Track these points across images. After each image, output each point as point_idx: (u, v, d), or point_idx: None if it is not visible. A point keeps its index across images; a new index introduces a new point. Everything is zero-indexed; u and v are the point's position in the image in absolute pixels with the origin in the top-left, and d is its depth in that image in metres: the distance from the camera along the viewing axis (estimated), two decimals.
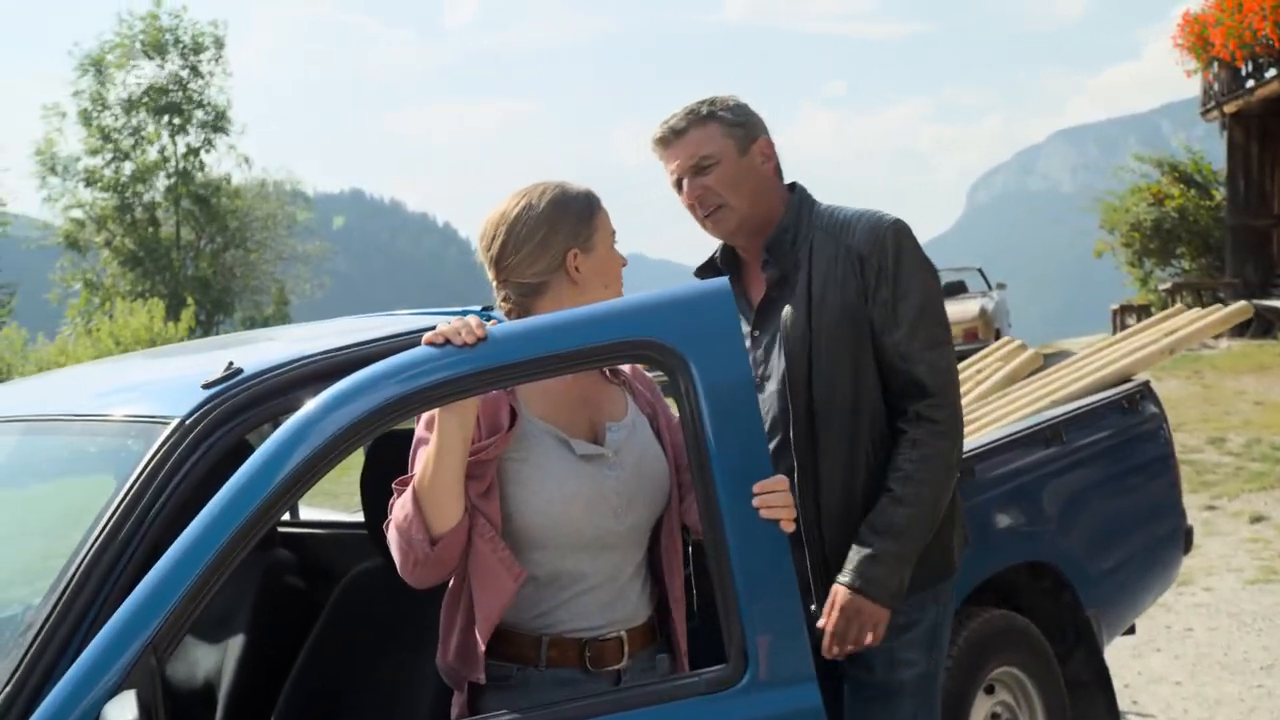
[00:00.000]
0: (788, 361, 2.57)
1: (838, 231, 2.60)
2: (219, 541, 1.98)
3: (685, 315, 2.15)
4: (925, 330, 2.55)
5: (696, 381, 2.11)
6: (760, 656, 2.07)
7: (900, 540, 2.49)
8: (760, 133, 2.65)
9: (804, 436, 2.56)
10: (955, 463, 2.58)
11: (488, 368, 2.09)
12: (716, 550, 2.09)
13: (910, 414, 2.55)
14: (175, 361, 3.14)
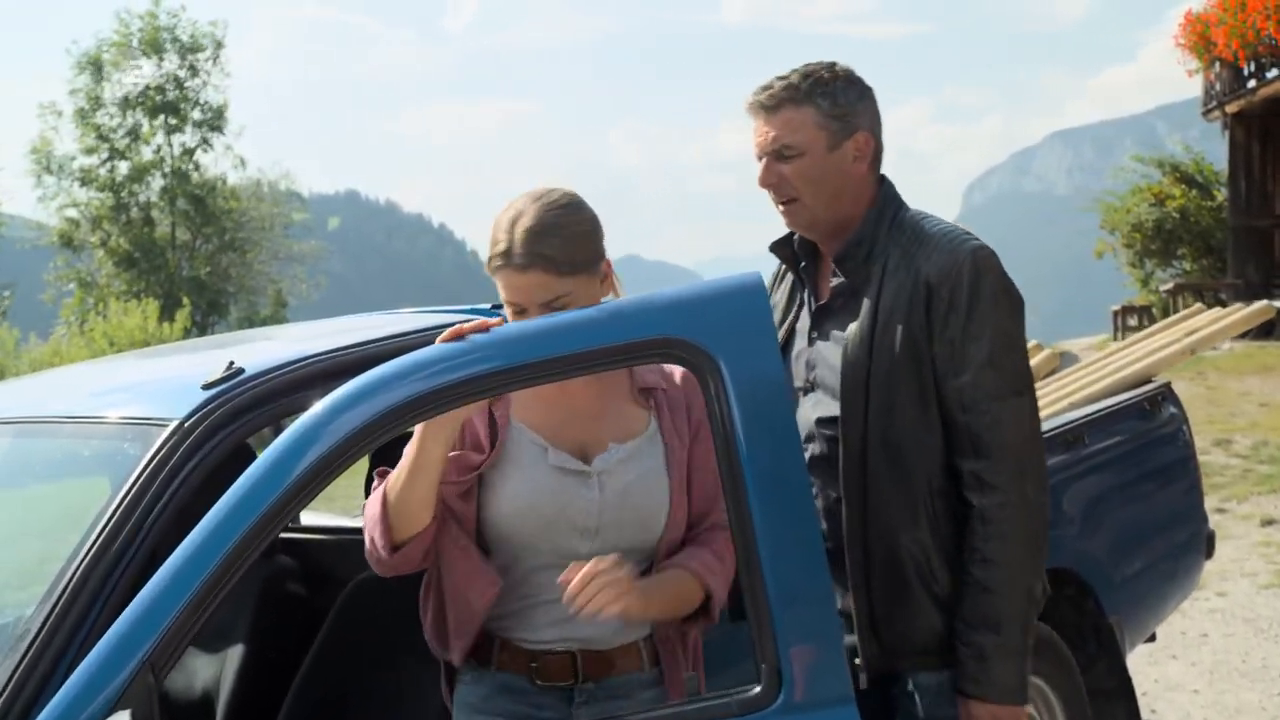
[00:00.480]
0: (844, 388, 2.31)
1: (914, 251, 2.30)
2: (221, 551, 1.87)
3: (714, 312, 2.03)
4: (994, 379, 2.24)
5: (727, 382, 1.99)
6: (795, 676, 1.94)
7: (1002, 632, 2.23)
8: (861, 126, 2.34)
9: (854, 472, 2.30)
10: (1038, 539, 2.28)
11: (506, 367, 1.99)
12: (747, 560, 1.97)
13: (967, 476, 2.26)
14: (172, 361, 3.03)
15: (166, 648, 1.83)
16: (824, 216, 2.38)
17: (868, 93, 2.37)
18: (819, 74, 2.34)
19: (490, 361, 1.98)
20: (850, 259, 2.35)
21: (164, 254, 33.01)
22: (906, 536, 2.30)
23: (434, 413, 2.00)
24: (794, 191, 2.36)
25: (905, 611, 2.32)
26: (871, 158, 2.38)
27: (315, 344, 2.59)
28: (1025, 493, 2.26)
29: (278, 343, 2.96)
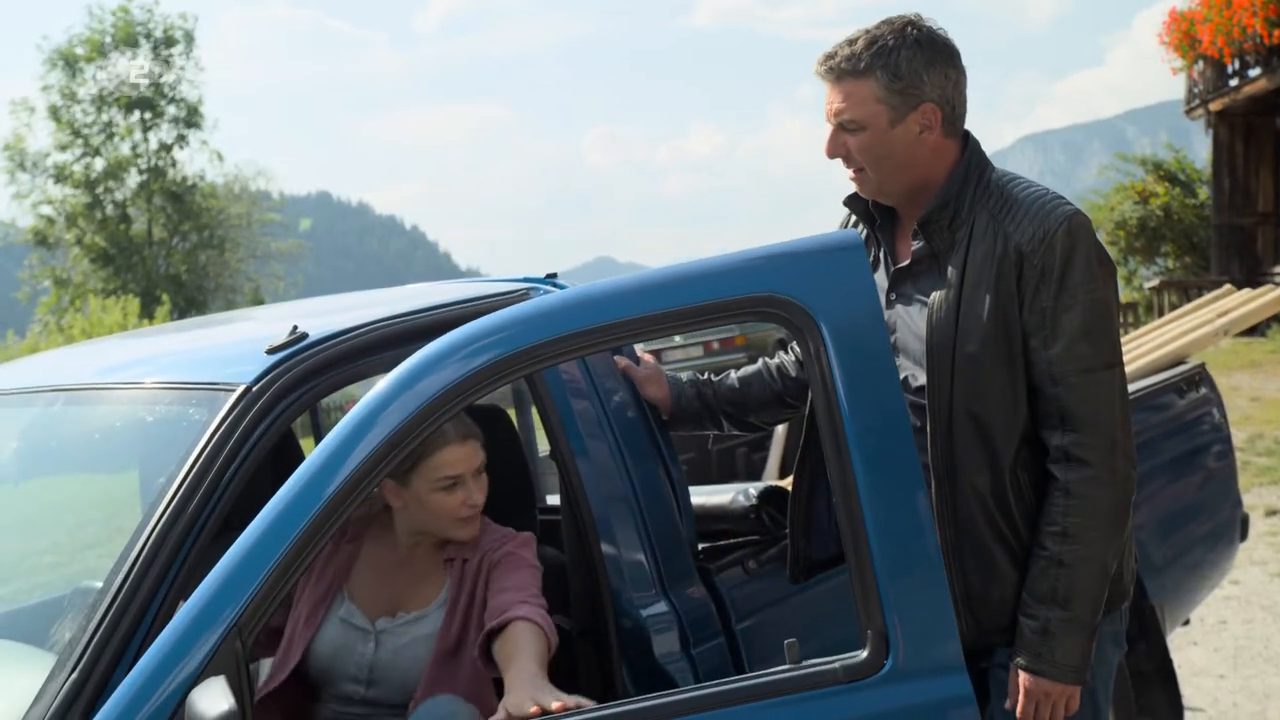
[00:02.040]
0: (930, 355, 2.23)
1: (1002, 216, 2.21)
2: (309, 513, 1.79)
3: (813, 269, 1.97)
4: (1086, 350, 2.16)
5: (827, 341, 1.93)
6: (901, 641, 1.88)
7: (1070, 608, 2.17)
8: (926, 96, 2.22)
9: (942, 442, 2.23)
10: (1122, 516, 2.20)
11: (596, 325, 1.92)
12: (851, 522, 1.91)
13: (1054, 450, 2.19)
14: (230, 329, 2.92)
15: (254, 612, 1.76)
16: (892, 187, 2.30)
17: (939, 56, 2.24)
18: (884, 40, 2.22)
19: (580, 322, 1.94)
20: (934, 223, 2.26)
21: (141, 251, 32.69)
22: (996, 510, 2.23)
23: (520, 374, 1.96)
24: (859, 163, 2.29)
25: (996, 586, 2.26)
26: (942, 126, 2.26)
27: (377, 310, 2.50)
28: (1114, 468, 2.18)
29: (339, 309, 2.87)
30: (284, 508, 1.81)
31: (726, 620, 2.59)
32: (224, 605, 1.75)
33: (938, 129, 2.26)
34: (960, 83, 2.30)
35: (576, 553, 2.54)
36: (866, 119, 2.23)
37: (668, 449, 2.67)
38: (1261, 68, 17.66)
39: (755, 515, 2.74)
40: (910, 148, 2.25)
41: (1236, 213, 19.98)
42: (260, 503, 2.58)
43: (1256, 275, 19.58)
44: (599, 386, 2.59)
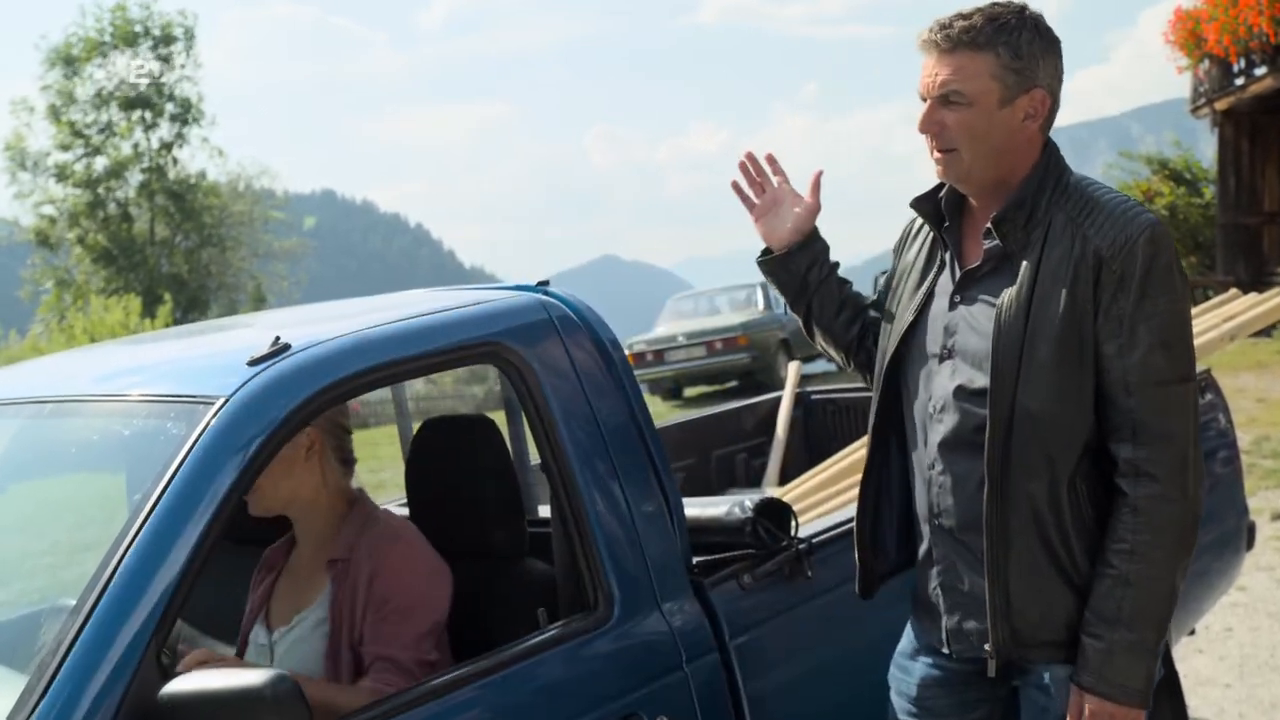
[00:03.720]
0: (996, 357, 2.15)
1: (1081, 219, 2.13)
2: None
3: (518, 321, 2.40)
4: (1163, 362, 2.09)
5: (540, 377, 2.40)
6: (620, 598, 2.38)
7: (1135, 628, 2.10)
8: (1039, 81, 2.16)
9: (999, 448, 2.15)
10: (1190, 538, 2.13)
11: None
12: (576, 517, 2.42)
13: (1123, 464, 2.11)
14: (208, 339, 2.86)
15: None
16: (980, 173, 2.21)
17: (1054, 46, 2.19)
18: (1005, 18, 2.16)
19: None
20: (1009, 222, 2.18)
21: (143, 250, 32.66)
22: (1049, 521, 2.16)
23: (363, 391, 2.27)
24: (954, 142, 2.18)
25: (1042, 599, 2.18)
26: (1045, 118, 2.21)
27: (358, 320, 2.44)
28: (1185, 486, 2.11)
29: (325, 318, 2.81)
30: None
31: (720, 636, 2.54)
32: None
33: (1040, 119, 2.20)
34: (1062, 79, 2.24)
35: (567, 566, 2.49)
36: (977, 94, 2.15)
37: (660, 459, 2.61)
38: (1267, 67, 17.56)
39: (751, 528, 2.68)
40: (1011, 133, 2.18)
41: (1242, 212, 19.89)
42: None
43: (1262, 274, 19.49)
44: (591, 395, 2.53)
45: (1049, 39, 2.19)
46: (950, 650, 2.31)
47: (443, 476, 2.70)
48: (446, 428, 2.74)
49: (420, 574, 2.47)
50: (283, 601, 2.59)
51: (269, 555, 2.69)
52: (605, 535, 2.44)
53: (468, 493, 2.65)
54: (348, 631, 2.43)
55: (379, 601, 2.42)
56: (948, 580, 2.29)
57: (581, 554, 2.43)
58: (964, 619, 2.27)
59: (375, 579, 2.43)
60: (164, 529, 1.92)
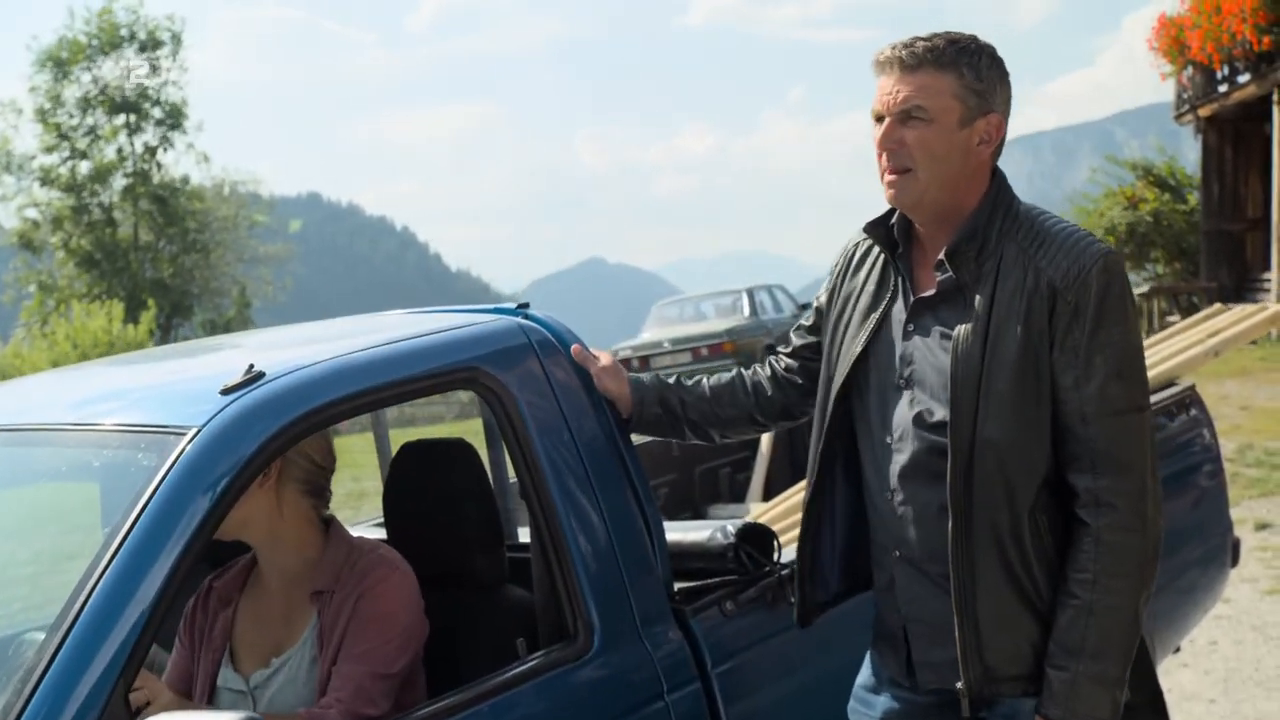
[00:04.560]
0: (955, 391, 2.13)
1: (1033, 250, 2.13)
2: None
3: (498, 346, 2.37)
4: (1119, 391, 2.09)
5: (520, 403, 2.38)
6: (600, 628, 2.36)
7: (1100, 659, 2.09)
8: (995, 107, 2.17)
9: (961, 482, 2.13)
10: (1151, 566, 2.13)
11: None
12: (556, 546, 2.38)
13: (1083, 494, 2.10)
14: (178, 365, 2.81)
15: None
16: (934, 196, 2.19)
17: (1007, 78, 2.21)
18: (965, 43, 2.17)
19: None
20: (961, 254, 2.17)
21: (126, 255, 32.50)
22: (1013, 552, 2.14)
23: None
24: (911, 161, 2.16)
25: (1011, 632, 2.16)
26: (997, 145, 2.21)
27: (334, 345, 2.41)
28: (1145, 514, 2.10)
29: (288, 345, 2.77)
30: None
31: (702, 664, 2.51)
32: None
33: (993, 145, 2.20)
34: (1009, 113, 2.24)
35: (547, 593, 2.46)
36: (938, 112, 2.14)
37: (642, 485, 2.58)
38: (1250, 74, 17.65)
39: (734, 554, 2.65)
40: (966, 155, 2.17)
41: (1225, 219, 19.99)
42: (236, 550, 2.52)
43: (1245, 281, 19.58)
44: (571, 420, 2.50)
45: (1003, 70, 2.20)
46: (915, 681, 2.29)
47: (421, 501, 2.67)
48: (425, 451, 2.70)
49: (407, 603, 2.40)
50: (252, 641, 2.46)
51: (220, 588, 2.54)
52: (585, 564, 2.41)
53: (446, 518, 2.61)
54: (331, 662, 2.35)
55: (361, 622, 2.35)
56: (912, 611, 2.27)
57: (561, 583, 2.40)
58: (930, 649, 2.25)
59: (361, 601, 2.36)
60: (131, 567, 1.88)
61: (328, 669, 2.33)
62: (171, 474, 1.99)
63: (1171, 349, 4.41)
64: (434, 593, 2.50)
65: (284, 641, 2.43)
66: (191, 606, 2.57)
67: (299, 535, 2.44)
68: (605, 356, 2.64)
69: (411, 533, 2.65)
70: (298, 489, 2.42)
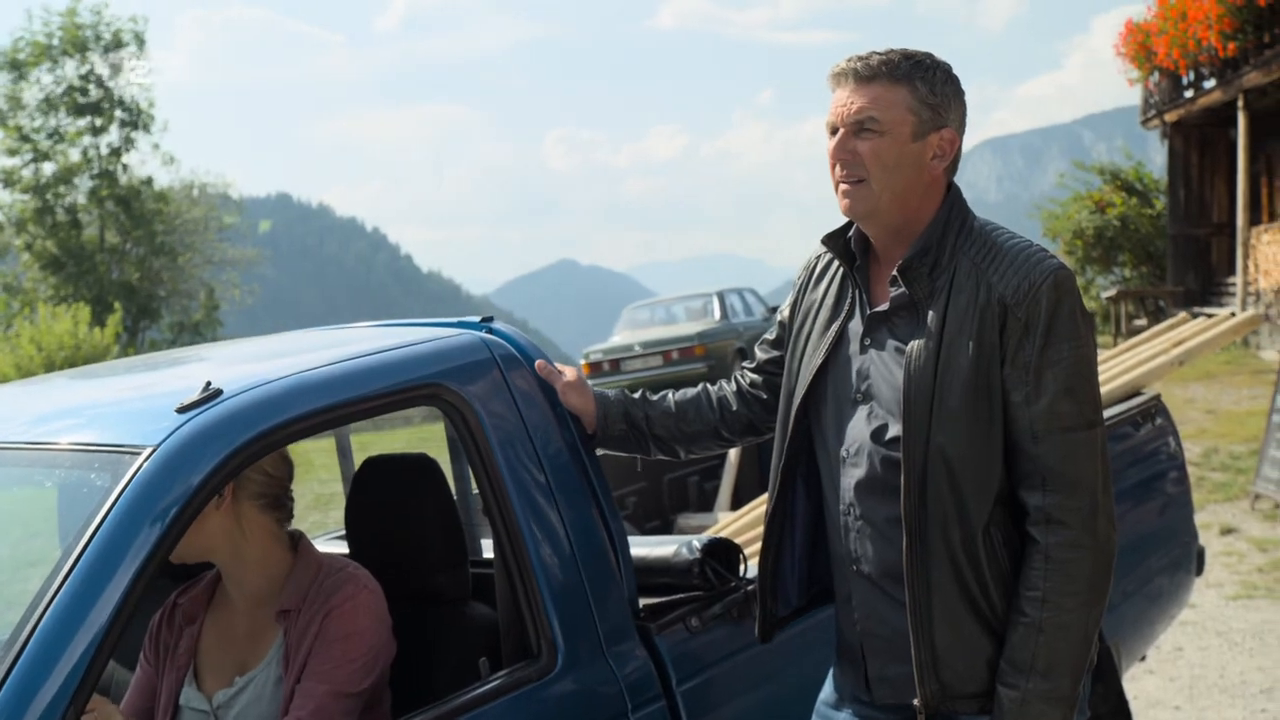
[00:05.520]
0: (907, 410, 2.12)
1: (985, 266, 2.13)
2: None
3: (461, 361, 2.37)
4: (1070, 408, 2.08)
5: (483, 418, 2.37)
6: (564, 646, 2.34)
7: (1051, 677, 2.07)
8: (949, 121, 2.17)
9: (915, 499, 2.12)
10: (1103, 584, 2.10)
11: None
12: (520, 565, 2.36)
13: (1034, 512, 2.09)
14: (132, 381, 2.76)
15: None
16: (887, 207, 2.19)
17: (962, 95, 2.22)
18: (922, 58, 2.18)
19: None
20: (914, 270, 2.17)
21: (93, 258, 32.19)
22: (967, 569, 2.13)
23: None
24: (864, 172, 2.16)
25: (967, 649, 2.15)
26: (951, 161, 2.21)
27: (294, 361, 2.37)
28: (1096, 531, 2.09)
29: (247, 360, 2.73)
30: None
31: (667, 682, 2.49)
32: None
33: (947, 160, 2.20)
34: (964, 129, 2.24)
35: (510, 610, 2.43)
36: (892, 123, 2.14)
37: (607, 501, 2.56)
38: (1216, 80, 17.80)
39: (699, 569, 2.63)
40: (919, 169, 2.17)
41: (1191, 223, 20.15)
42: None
43: (1211, 285, 19.75)
44: (535, 437, 2.48)
45: (958, 87, 2.21)
46: (873, 697, 2.28)
47: (383, 516, 2.64)
48: (388, 466, 2.67)
49: (374, 621, 2.37)
50: (217, 659, 2.42)
51: (186, 606, 2.50)
52: (549, 581, 2.39)
53: (409, 534, 2.59)
54: (295, 681, 2.32)
55: (326, 640, 2.32)
56: (869, 626, 2.26)
57: (525, 601, 2.38)
58: (886, 664, 2.24)
59: (327, 619, 2.33)
60: (83, 591, 1.84)
61: (292, 688, 2.30)
62: (125, 495, 1.95)
63: (1137, 358, 4.43)
64: (397, 610, 2.47)
65: (249, 660, 2.40)
66: (156, 623, 2.52)
67: (264, 553, 2.41)
68: (570, 371, 2.62)
69: (374, 549, 2.62)
70: (256, 505, 2.38)
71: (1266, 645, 5.69)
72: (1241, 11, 15.96)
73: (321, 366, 2.32)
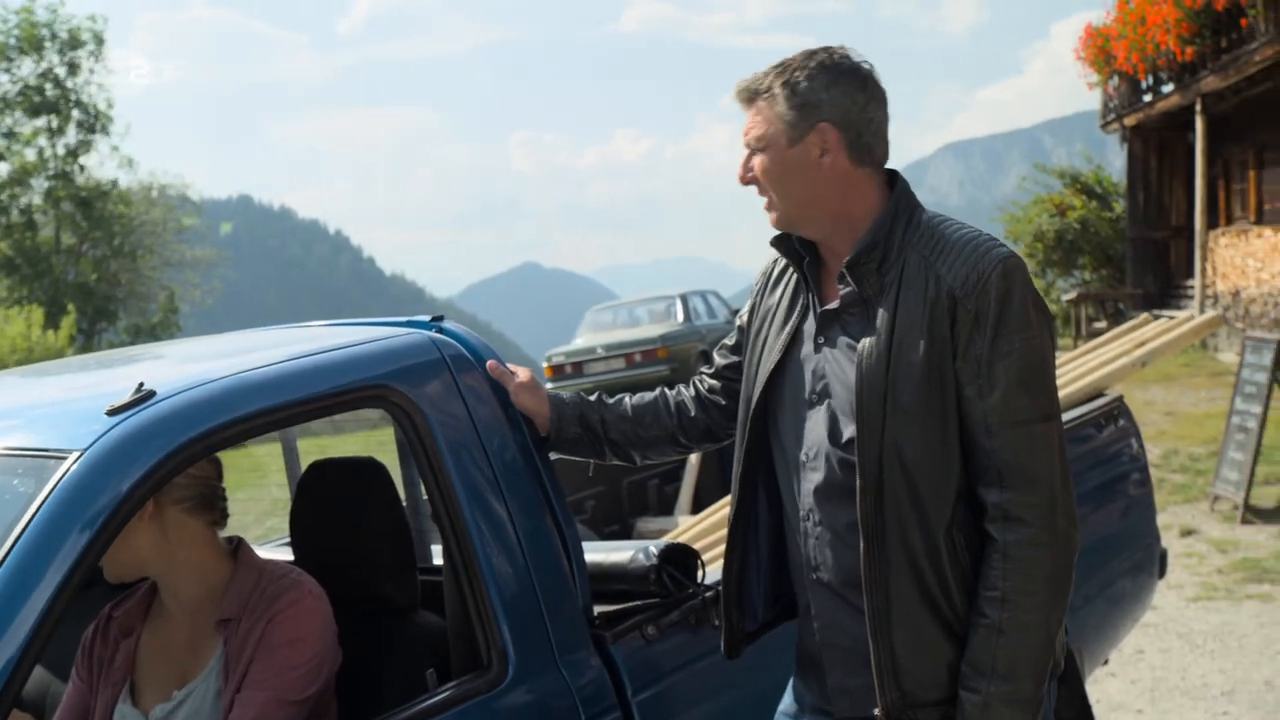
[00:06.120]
0: (860, 408, 2.07)
1: (934, 258, 2.06)
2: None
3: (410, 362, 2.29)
4: (1024, 401, 2.01)
5: (431, 421, 2.30)
6: (515, 656, 2.25)
7: (1012, 679, 2.01)
8: (824, 116, 2.09)
9: (872, 502, 2.06)
10: (1064, 581, 2.04)
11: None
12: (470, 574, 2.28)
13: (991, 509, 2.03)
14: (63, 382, 2.66)
15: None
16: (801, 216, 2.16)
17: (843, 78, 2.12)
18: (789, 62, 2.15)
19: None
20: (862, 266, 2.11)
21: (48, 259, 31.75)
22: (928, 573, 2.06)
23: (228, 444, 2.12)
24: (763, 188, 2.17)
25: (928, 656, 2.09)
26: (847, 151, 2.13)
27: (234, 361, 2.28)
28: (1055, 528, 2.03)
29: (186, 360, 2.64)
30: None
31: (623, 692, 2.42)
32: None
33: (839, 153, 2.12)
34: (870, 109, 2.15)
35: (459, 619, 2.35)
36: (768, 138, 2.14)
37: (561, 506, 2.49)
38: (1175, 84, 17.94)
39: (656, 576, 2.56)
40: (810, 173, 2.12)
41: (1150, 226, 20.30)
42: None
43: (1170, 287, 19.91)
44: (486, 440, 2.40)
45: (836, 73, 2.12)
46: (834, 708, 2.22)
47: (329, 522, 2.55)
48: (334, 471, 2.58)
49: (318, 628, 2.27)
50: (155, 673, 2.32)
51: (122, 618, 2.39)
52: (500, 589, 2.31)
53: (356, 540, 2.50)
54: (236, 689, 2.23)
55: (268, 647, 2.23)
56: (829, 636, 2.20)
57: (474, 609, 2.30)
58: (848, 676, 2.18)
59: (269, 626, 2.24)
60: (1, 604, 1.75)
61: (232, 699, 2.21)
62: (49, 501, 1.85)
63: (1099, 359, 4.40)
64: (342, 619, 2.38)
65: (188, 673, 2.30)
66: (90, 636, 2.42)
67: (198, 560, 2.30)
68: (523, 372, 2.54)
69: (319, 555, 2.53)
70: (182, 509, 2.27)
71: (1227, 647, 5.69)
72: (1200, 16, 16.09)
73: (263, 367, 2.23)
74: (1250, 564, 7.00)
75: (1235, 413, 8.30)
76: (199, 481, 2.30)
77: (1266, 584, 6.63)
